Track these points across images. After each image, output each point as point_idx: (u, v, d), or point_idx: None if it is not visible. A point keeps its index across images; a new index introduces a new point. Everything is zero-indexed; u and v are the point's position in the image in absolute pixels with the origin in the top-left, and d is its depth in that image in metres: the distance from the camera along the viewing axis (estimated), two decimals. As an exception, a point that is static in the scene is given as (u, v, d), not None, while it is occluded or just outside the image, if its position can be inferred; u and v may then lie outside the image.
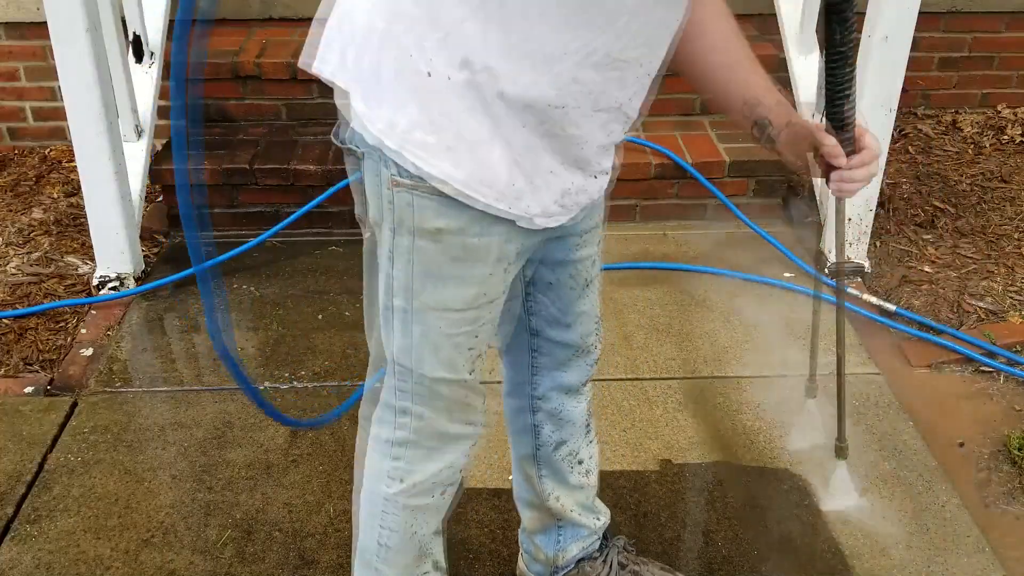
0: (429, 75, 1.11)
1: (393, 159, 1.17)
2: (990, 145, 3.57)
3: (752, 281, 2.81)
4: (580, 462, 1.67)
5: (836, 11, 1.25)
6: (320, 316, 2.66)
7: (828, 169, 1.35)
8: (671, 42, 1.22)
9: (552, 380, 1.58)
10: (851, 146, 1.33)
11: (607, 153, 1.29)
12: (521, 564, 1.84)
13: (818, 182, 2.97)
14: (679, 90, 3.27)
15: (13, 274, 2.81)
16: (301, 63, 1.22)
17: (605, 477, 2.10)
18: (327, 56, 1.20)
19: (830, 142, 1.31)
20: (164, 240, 3.04)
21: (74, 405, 2.32)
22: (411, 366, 1.32)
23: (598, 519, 1.75)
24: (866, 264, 2.82)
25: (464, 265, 1.24)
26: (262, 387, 2.37)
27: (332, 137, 1.26)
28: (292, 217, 3.00)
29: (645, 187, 3.09)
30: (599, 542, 1.77)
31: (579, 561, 1.75)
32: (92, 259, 2.77)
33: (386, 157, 1.17)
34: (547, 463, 1.66)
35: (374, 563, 1.50)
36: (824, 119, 1.35)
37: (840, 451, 1.94)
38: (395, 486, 1.42)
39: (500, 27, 1.08)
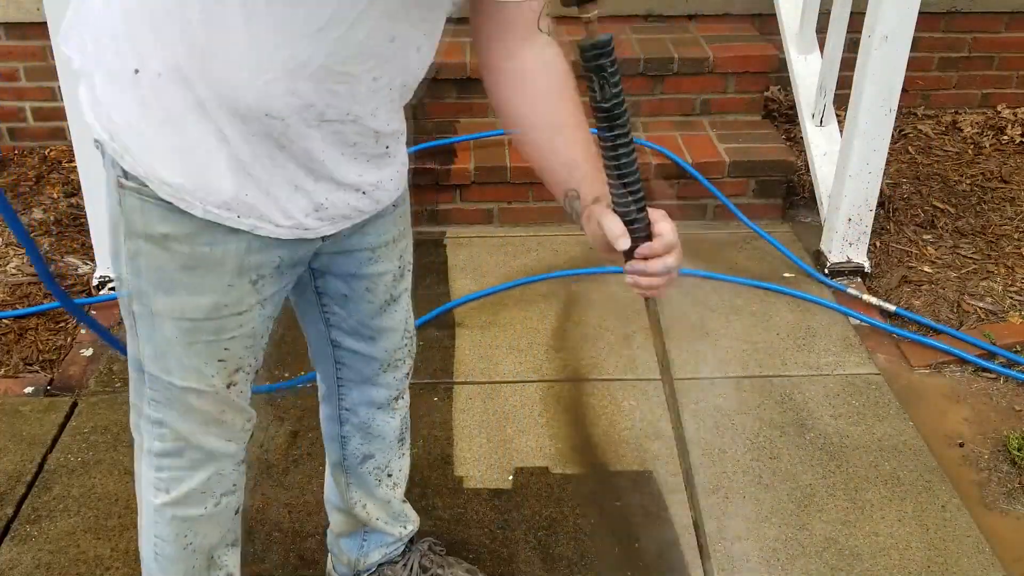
0: (140, 73, 1.06)
1: (116, 159, 1.12)
2: (990, 145, 3.57)
3: (745, 285, 2.81)
4: (389, 475, 1.66)
5: (588, 59, 1.03)
6: (320, 316, 2.66)
7: (627, 258, 1.17)
8: (421, 57, 1.17)
9: (360, 393, 1.55)
10: (643, 233, 1.15)
11: (370, 167, 1.22)
12: (328, 564, 1.85)
13: (818, 182, 2.97)
14: (678, 90, 3.27)
15: (13, 274, 2.81)
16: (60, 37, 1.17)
17: (606, 477, 2.10)
18: (70, 34, 1.14)
19: (609, 225, 1.13)
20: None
21: (74, 405, 2.32)
22: (158, 373, 1.26)
23: (405, 527, 1.75)
24: (866, 264, 2.82)
25: (196, 274, 1.18)
26: (263, 387, 2.37)
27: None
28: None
29: (645, 187, 3.08)
30: (403, 547, 1.78)
31: (380, 565, 1.76)
32: (92, 259, 2.77)
33: (112, 156, 1.12)
34: (354, 474, 1.64)
35: (155, 574, 1.45)
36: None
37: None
38: (161, 496, 1.37)
39: (207, 33, 1.03)
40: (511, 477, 2.11)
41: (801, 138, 3.21)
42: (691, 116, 3.32)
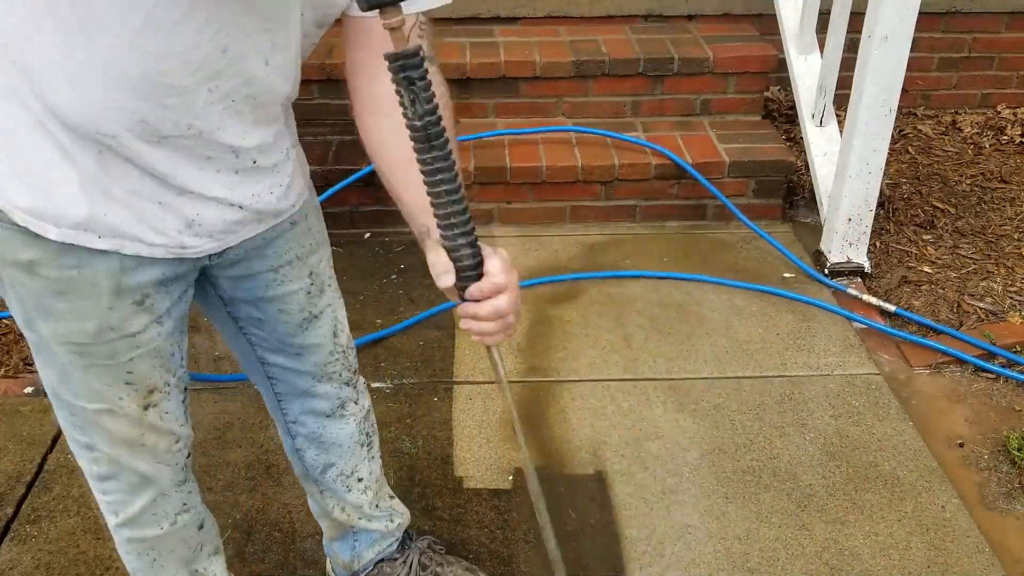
0: None
1: None
2: (990, 145, 3.57)
3: (741, 288, 2.81)
4: (359, 480, 1.64)
5: (393, 71, 0.92)
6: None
7: (460, 298, 1.08)
8: (273, 69, 1.10)
9: (301, 405, 1.52)
10: (472, 270, 1.05)
11: (240, 181, 1.16)
12: (328, 567, 1.84)
13: (818, 182, 2.97)
14: (678, 90, 3.28)
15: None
16: None
17: (606, 477, 2.10)
18: None
19: (431, 260, 1.05)
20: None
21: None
22: (69, 398, 1.23)
23: (392, 520, 1.74)
24: (866, 264, 2.82)
25: (69, 299, 1.13)
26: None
27: None
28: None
29: (645, 187, 3.09)
30: (398, 543, 1.77)
31: (378, 563, 1.75)
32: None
33: None
34: (321, 483, 1.62)
35: None
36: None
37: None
38: (112, 519, 1.37)
39: (24, 48, 0.97)
40: (511, 477, 2.11)
41: (801, 138, 3.21)
42: (691, 116, 3.33)
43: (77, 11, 0.95)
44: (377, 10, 0.89)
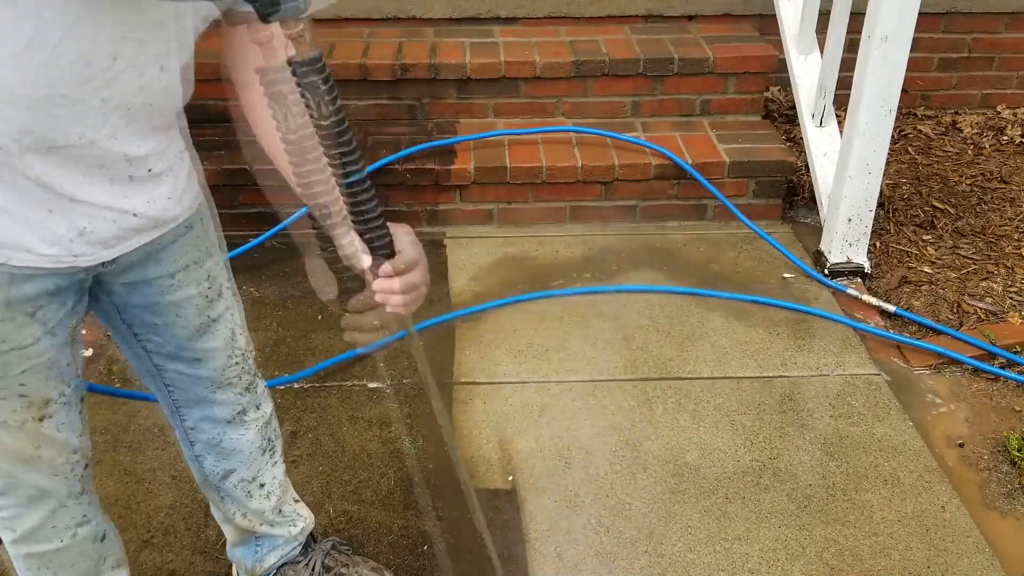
0: None
1: None
2: (990, 146, 3.57)
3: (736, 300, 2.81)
4: (261, 486, 1.61)
5: (299, 76, 0.95)
6: (320, 317, 2.66)
7: (373, 276, 1.14)
8: (169, 75, 1.09)
9: (200, 412, 1.49)
10: (384, 249, 1.11)
11: (135, 189, 1.15)
12: (233, 573, 1.82)
13: (818, 182, 2.97)
14: (678, 90, 3.28)
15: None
16: None
17: (605, 476, 2.10)
18: None
19: (342, 240, 1.09)
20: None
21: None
22: None
23: (295, 525, 1.72)
24: (866, 264, 2.82)
25: None
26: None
27: None
28: (292, 217, 3.00)
29: (645, 187, 3.09)
30: (301, 547, 1.75)
31: (281, 567, 1.74)
32: None
33: None
34: (221, 490, 1.60)
35: None
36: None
37: None
38: (8, 535, 1.34)
39: None
40: (511, 477, 2.11)
41: (801, 138, 3.22)
42: (691, 116, 3.33)
43: None
44: (268, 21, 0.90)
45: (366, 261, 1.11)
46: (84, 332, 2.57)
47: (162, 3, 1.04)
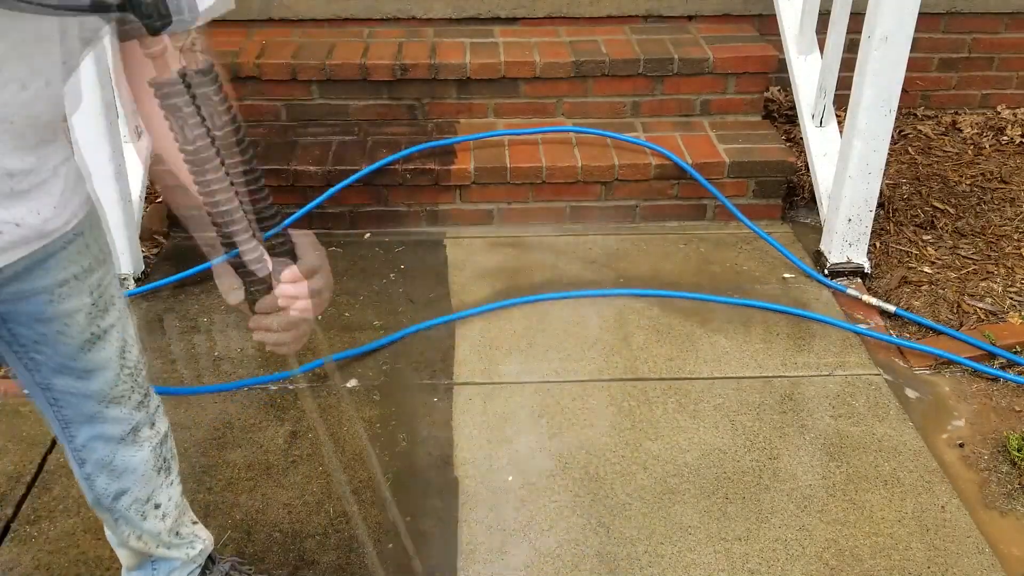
0: None
1: None
2: (990, 146, 3.57)
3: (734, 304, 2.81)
4: (156, 506, 1.55)
5: (159, 97, 0.93)
6: (319, 317, 2.66)
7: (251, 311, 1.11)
8: (51, 91, 1.07)
9: (90, 431, 1.42)
10: (262, 284, 1.08)
11: (18, 199, 1.12)
12: None
13: (818, 183, 2.97)
14: (678, 90, 3.28)
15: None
16: None
17: (604, 476, 2.10)
18: None
19: (243, 245, 1.04)
20: (164, 240, 3.04)
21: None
22: None
23: (192, 547, 1.68)
24: (866, 265, 2.82)
25: None
26: (261, 386, 2.37)
27: None
28: (292, 218, 3.00)
29: (645, 188, 3.09)
30: (199, 568, 1.71)
31: None
32: None
33: None
34: (114, 511, 1.53)
35: None
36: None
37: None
38: None
39: None
40: (511, 477, 2.11)
41: (801, 138, 3.22)
42: (691, 116, 3.33)
43: None
44: (167, 33, 0.88)
45: (236, 297, 1.10)
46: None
47: (45, 19, 1.01)
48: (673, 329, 2.61)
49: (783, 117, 3.62)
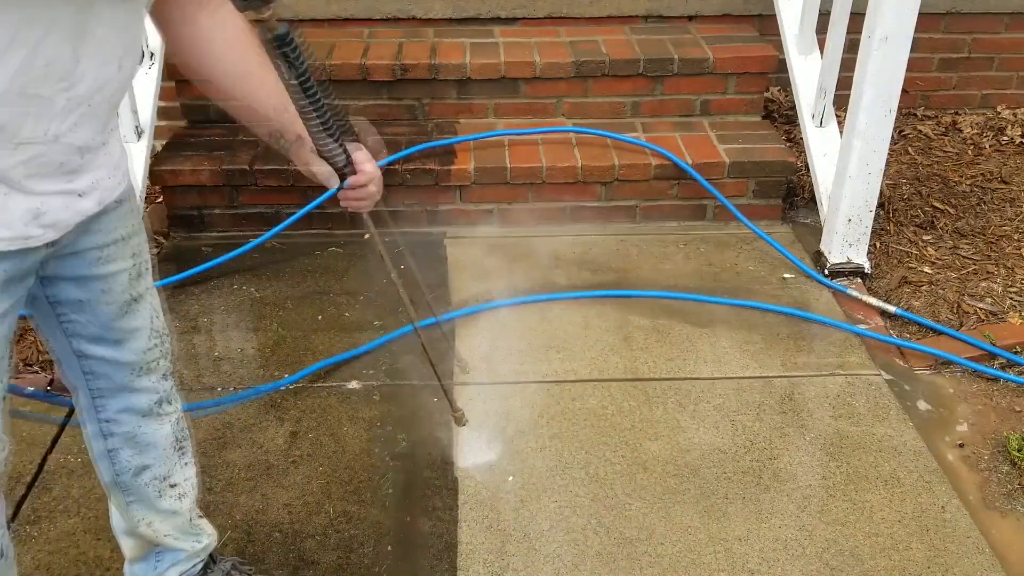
0: None
1: None
2: (990, 146, 3.57)
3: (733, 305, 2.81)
4: (173, 486, 1.60)
5: (272, 49, 1.27)
6: (320, 317, 2.66)
7: (340, 187, 1.49)
8: (125, 71, 1.19)
9: (120, 402, 1.49)
10: (347, 168, 1.46)
11: (81, 174, 1.22)
12: None
13: (818, 183, 2.97)
14: (678, 90, 3.28)
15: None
16: None
17: (604, 476, 2.10)
18: None
19: (315, 168, 1.45)
20: (164, 241, 3.04)
21: (74, 406, 2.31)
22: None
23: (199, 541, 1.70)
24: (866, 265, 2.82)
25: None
26: (262, 387, 2.37)
27: None
28: (292, 218, 3.00)
29: (645, 188, 3.09)
30: (202, 565, 1.73)
31: None
32: None
33: None
34: (132, 490, 1.57)
35: None
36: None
37: (458, 420, 2.13)
38: None
39: None
40: (511, 477, 2.11)
41: (801, 139, 3.22)
42: (691, 117, 3.33)
43: None
44: (253, 9, 1.17)
45: (335, 181, 1.48)
46: None
47: (139, 3, 1.18)
48: (673, 329, 2.61)
49: (783, 117, 3.62)
